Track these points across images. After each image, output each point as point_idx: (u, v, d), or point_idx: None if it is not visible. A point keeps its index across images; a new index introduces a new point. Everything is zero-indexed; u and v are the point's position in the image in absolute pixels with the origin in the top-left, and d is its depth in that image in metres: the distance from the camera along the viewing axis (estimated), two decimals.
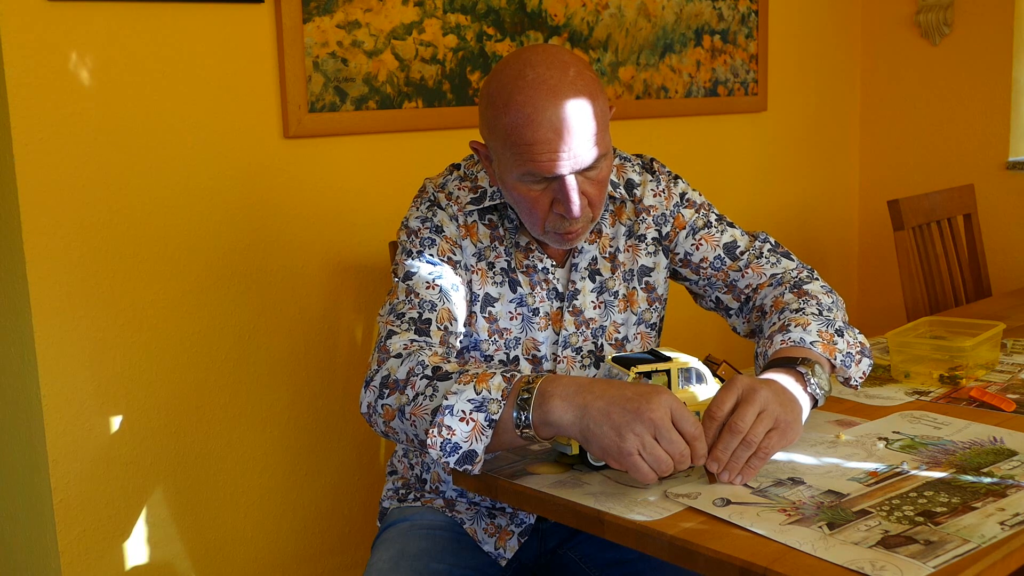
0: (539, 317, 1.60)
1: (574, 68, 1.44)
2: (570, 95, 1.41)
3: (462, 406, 1.30)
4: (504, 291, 1.59)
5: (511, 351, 1.60)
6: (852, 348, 1.50)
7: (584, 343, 1.63)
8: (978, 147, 3.20)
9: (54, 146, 1.82)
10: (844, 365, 1.48)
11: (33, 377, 1.85)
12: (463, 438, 1.30)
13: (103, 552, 1.94)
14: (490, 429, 1.29)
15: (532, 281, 1.60)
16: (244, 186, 2.05)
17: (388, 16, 2.20)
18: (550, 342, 1.61)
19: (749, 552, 1.14)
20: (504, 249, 1.59)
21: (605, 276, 1.64)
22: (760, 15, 3.03)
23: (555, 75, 1.42)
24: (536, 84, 1.41)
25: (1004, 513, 1.21)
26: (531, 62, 1.43)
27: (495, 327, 1.59)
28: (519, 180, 1.46)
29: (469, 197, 1.59)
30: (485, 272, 1.59)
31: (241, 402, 2.09)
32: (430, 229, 1.57)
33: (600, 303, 1.64)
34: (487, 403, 1.29)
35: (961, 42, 3.20)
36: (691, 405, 1.41)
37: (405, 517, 1.67)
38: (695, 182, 2.97)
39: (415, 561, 1.55)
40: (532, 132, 1.40)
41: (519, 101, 1.41)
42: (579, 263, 1.62)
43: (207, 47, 1.97)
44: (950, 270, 2.77)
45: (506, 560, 1.65)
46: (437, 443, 1.30)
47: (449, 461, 1.31)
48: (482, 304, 1.59)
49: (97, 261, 1.88)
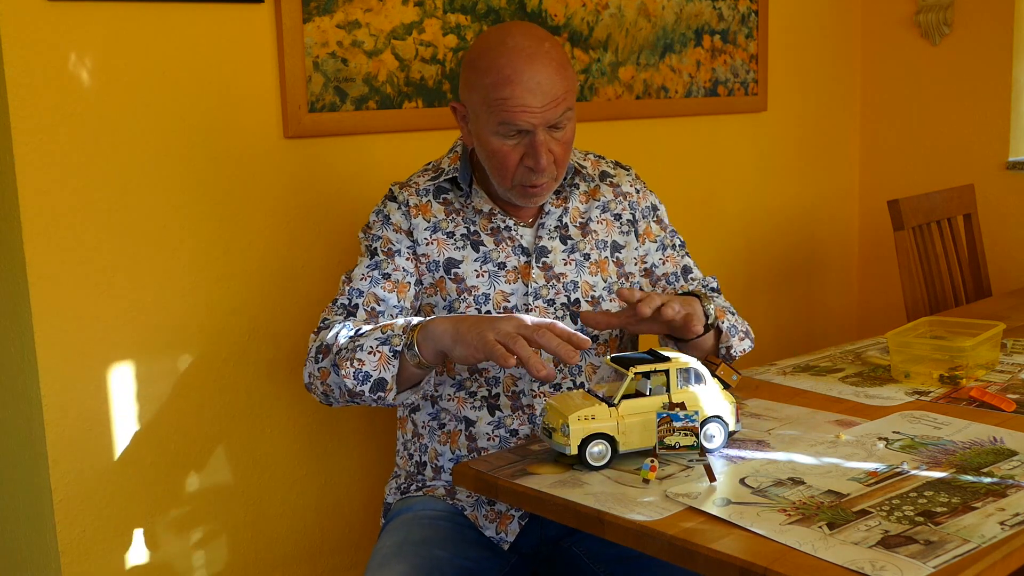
0: (506, 271, 1.73)
1: (548, 42, 1.64)
2: (544, 62, 1.60)
3: (371, 343, 1.53)
4: (467, 253, 1.73)
5: (481, 307, 1.71)
6: (740, 326, 1.74)
7: (557, 296, 1.73)
8: (978, 147, 3.20)
9: (54, 146, 1.82)
10: (729, 333, 1.71)
11: (33, 377, 1.85)
12: (372, 367, 1.52)
13: (103, 552, 1.94)
14: (396, 360, 1.52)
15: (496, 239, 1.73)
16: (244, 186, 2.05)
17: (388, 16, 2.20)
18: (520, 293, 1.72)
19: (749, 552, 1.14)
20: (463, 218, 1.74)
21: (576, 239, 1.77)
22: (760, 15, 3.03)
23: (532, 44, 1.61)
24: (516, 50, 1.60)
25: (1004, 513, 1.21)
26: (511, 32, 1.64)
27: (463, 286, 1.72)
28: (494, 134, 1.63)
29: (428, 178, 1.77)
30: (443, 241, 1.73)
31: (241, 402, 2.09)
32: (380, 222, 1.76)
33: (571, 260, 1.75)
34: (391, 338, 1.52)
35: (961, 42, 3.20)
36: (691, 404, 1.41)
37: (408, 507, 1.72)
38: (695, 182, 2.98)
39: (419, 547, 1.59)
40: (511, 89, 1.59)
41: (500, 64, 1.60)
42: (545, 222, 1.75)
43: (207, 47, 1.97)
44: (950, 270, 2.77)
45: (508, 544, 1.68)
46: (351, 373, 1.53)
47: (364, 390, 1.53)
48: (445, 267, 1.73)
49: (97, 261, 1.88)
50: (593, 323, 1.60)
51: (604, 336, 1.75)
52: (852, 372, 1.83)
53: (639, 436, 1.40)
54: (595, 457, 1.39)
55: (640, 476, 1.35)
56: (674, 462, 1.40)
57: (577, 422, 1.38)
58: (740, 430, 1.49)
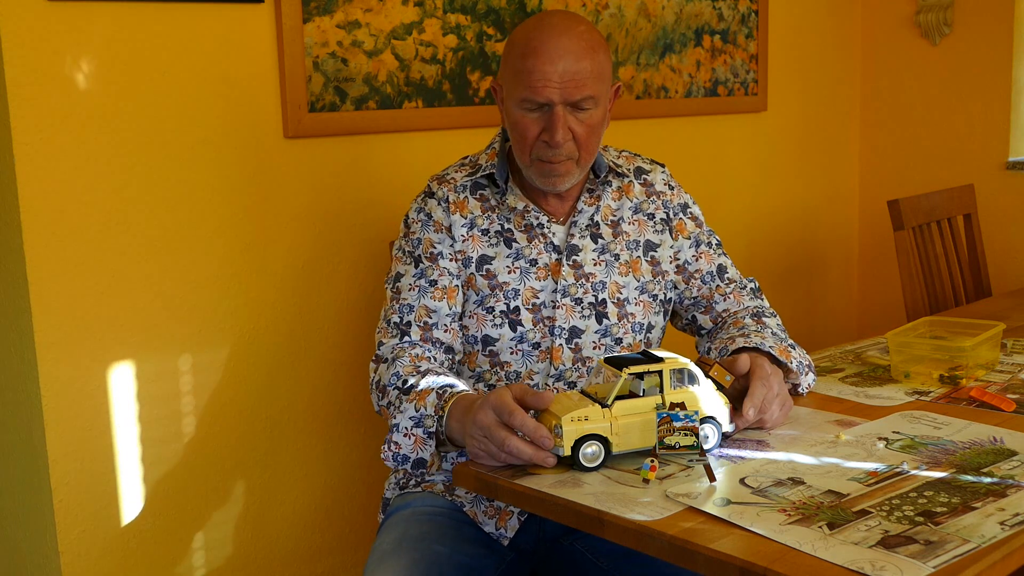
0: (537, 268, 1.73)
1: (585, 25, 1.66)
2: (574, 39, 1.62)
3: (405, 423, 1.54)
4: (500, 249, 1.73)
5: (511, 302, 1.71)
6: (803, 360, 1.69)
7: (585, 295, 1.73)
8: (978, 147, 3.20)
9: (54, 146, 1.82)
10: (799, 371, 1.66)
11: (33, 377, 1.85)
12: (409, 450, 1.54)
13: (103, 552, 1.94)
14: (432, 440, 1.52)
15: (530, 236, 1.73)
16: (244, 186, 2.05)
17: (388, 16, 2.20)
18: (548, 290, 1.72)
19: (749, 552, 1.14)
20: (497, 216, 1.74)
21: (607, 239, 1.76)
22: (760, 15, 3.03)
23: (566, 23, 1.64)
24: (548, 27, 1.63)
25: (1004, 513, 1.21)
26: (551, 14, 1.68)
27: (494, 282, 1.72)
28: (516, 107, 1.65)
29: (465, 173, 1.76)
30: (478, 238, 1.73)
31: (241, 402, 2.09)
32: (422, 222, 1.74)
33: (601, 261, 1.75)
34: (423, 419, 1.53)
35: (961, 42, 3.20)
36: (690, 405, 1.41)
37: (407, 503, 1.72)
38: (695, 182, 2.97)
39: (417, 543, 1.60)
40: (533, 61, 1.61)
41: (530, 37, 1.63)
42: (578, 220, 1.75)
43: (207, 47, 1.97)
44: (950, 270, 2.77)
45: (508, 540, 1.68)
46: (389, 457, 1.54)
47: (406, 467, 1.55)
48: (478, 264, 1.72)
49: (97, 261, 1.88)
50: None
51: (628, 341, 1.76)
52: (852, 372, 1.83)
53: (632, 437, 1.40)
54: (588, 458, 1.39)
55: (640, 476, 1.35)
56: (674, 462, 1.40)
57: (570, 423, 1.38)
58: (734, 431, 1.49)
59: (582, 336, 1.72)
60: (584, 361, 1.72)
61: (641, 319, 1.76)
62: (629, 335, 1.75)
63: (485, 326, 1.71)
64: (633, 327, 1.75)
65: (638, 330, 1.76)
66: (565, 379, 1.71)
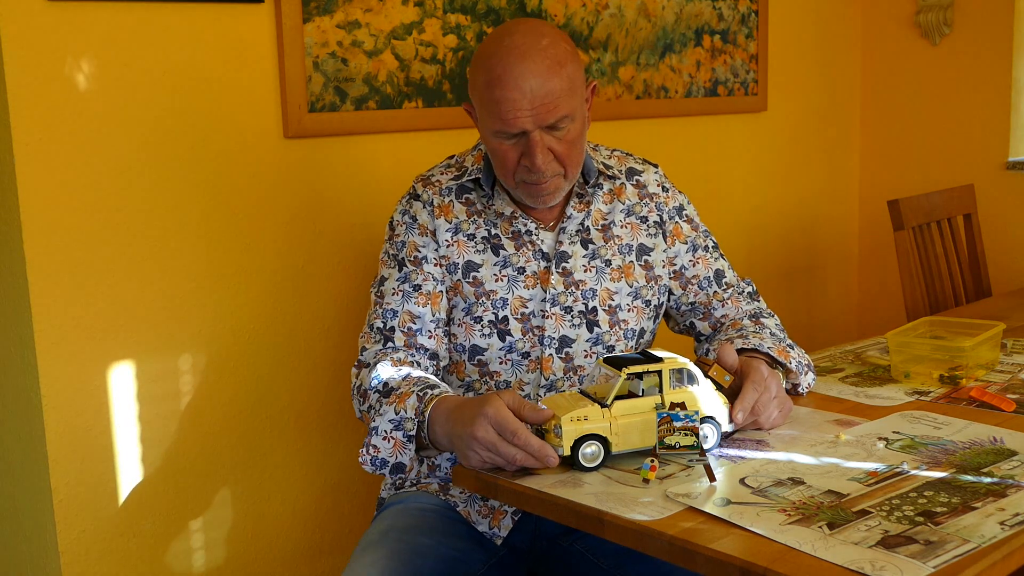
0: (525, 276, 1.69)
1: (548, 38, 1.58)
2: (538, 59, 1.54)
3: (384, 427, 1.50)
4: (487, 256, 1.70)
5: (499, 311, 1.68)
6: (802, 360, 1.69)
7: (575, 303, 1.70)
8: (978, 147, 3.20)
9: (54, 146, 1.82)
10: (798, 371, 1.66)
11: (33, 377, 1.84)
12: (388, 454, 1.50)
13: (103, 552, 1.94)
14: (411, 444, 1.49)
15: (517, 244, 1.70)
16: (244, 186, 2.05)
17: (388, 16, 2.20)
18: (537, 299, 1.69)
19: (749, 552, 1.14)
20: (484, 221, 1.71)
21: (597, 244, 1.73)
22: (760, 15, 3.03)
23: (528, 41, 1.56)
24: (509, 49, 1.55)
25: (1004, 513, 1.21)
26: (510, 31, 1.59)
27: (481, 290, 1.69)
28: (492, 135, 1.60)
29: (451, 176, 1.73)
30: (463, 243, 1.70)
31: (241, 402, 2.09)
32: (406, 225, 1.71)
33: (591, 267, 1.71)
34: (403, 422, 1.48)
35: (961, 42, 3.20)
36: (690, 405, 1.41)
37: (400, 500, 1.72)
38: (695, 182, 2.97)
39: (403, 534, 1.60)
40: (500, 91, 1.55)
41: (492, 64, 1.56)
42: (567, 227, 1.71)
43: (207, 47, 1.97)
44: (950, 270, 2.77)
45: (501, 539, 1.67)
46: (367, 460, 1.50)
47: (384, 472, 1.50)
48: (464, 271, 1.69)
49: (97, 261, 1.88)
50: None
51: (620, 348, 1.74)
52: (852, 372, 1.83)
53: (632, 437, 1.40)
54: (588, 458, 1.39)
55: (640, 476, 1.35)
56: (674, 462, 1.40)
57: (570, 423, 1.38)
58: (733, 431, 1.49)
59: (573, 345, 1.69)
60: (576, 370, 1.70)
61: (633, 325, 1.74)
62: (621, 342, 1.73)
63: (473, 335, 1.68)
64: (625, 334, 1.73)
65: (630, 336, 1.74)
66: (556, 389, 1.69)
